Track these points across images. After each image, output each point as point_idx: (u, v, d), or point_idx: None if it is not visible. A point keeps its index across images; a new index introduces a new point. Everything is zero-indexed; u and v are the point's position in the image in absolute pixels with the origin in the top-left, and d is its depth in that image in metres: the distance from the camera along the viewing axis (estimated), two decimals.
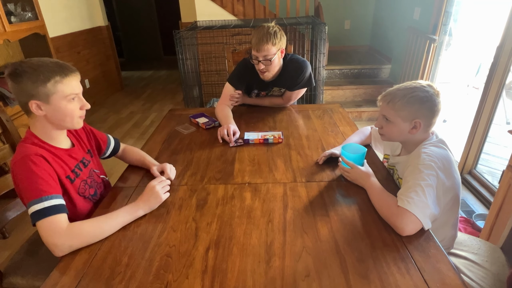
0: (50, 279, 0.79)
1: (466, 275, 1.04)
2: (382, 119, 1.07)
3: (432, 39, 2.79)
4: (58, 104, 0.92)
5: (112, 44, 4.61)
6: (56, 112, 0.93)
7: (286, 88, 1.74)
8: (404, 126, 1.01)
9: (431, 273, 0.76)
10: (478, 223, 1.88)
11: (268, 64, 1.54)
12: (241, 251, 0.85)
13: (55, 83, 0.90)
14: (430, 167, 0.92)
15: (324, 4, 3.72)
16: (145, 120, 3.75)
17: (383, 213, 0.94)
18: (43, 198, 0.86)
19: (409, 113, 0.99)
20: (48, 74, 0.89)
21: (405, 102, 0.99)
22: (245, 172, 1.22)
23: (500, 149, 2.71)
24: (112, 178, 1.19)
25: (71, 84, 0.94)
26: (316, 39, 2.94)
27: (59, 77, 0.91)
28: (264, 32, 1.48)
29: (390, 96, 1.02)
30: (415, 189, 0.89)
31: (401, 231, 0.87)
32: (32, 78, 0.88)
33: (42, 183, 0.88)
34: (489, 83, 2.13)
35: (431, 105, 0.98)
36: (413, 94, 0.98)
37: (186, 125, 1.65)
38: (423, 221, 0.86)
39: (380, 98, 1.07)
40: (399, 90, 1.02)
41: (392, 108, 1.01)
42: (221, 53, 3.42)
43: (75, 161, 1.05)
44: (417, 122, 0.99)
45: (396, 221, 0.88)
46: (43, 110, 0.92)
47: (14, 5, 2.64)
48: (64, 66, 0.94)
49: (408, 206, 0.87)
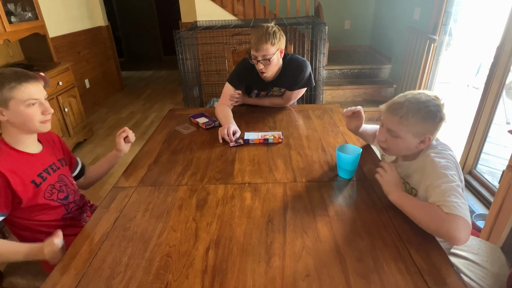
0: (50, 279, 0.79)
1: (466, 275, 1.04)
2: (387, 133, 0.99)
3: (432, 39, 2.79)
4: (17, 109, 0.97)
5: (112, 44, 4.61)
6: (16, 117, 0.98)
7: (286, 88, 1.74)
8: (413, 141, 0.96)
9: (431, 273, 0.76)
10: (478, 223, 1.88)
11: (267, 64, 1.54)
12: (241, 251, 0.85)
13: (10, 89, 0.94)
14: (450, 168, 0.89)
15: (324, 4, 3.72)
16: (145, 120, 3.75)
17: (430, 224, 0.84)
18: None
19: (422, 129, 0.93)
20: (3, 81, 0.94)
21: (420, 118, 0.92)
22: (245, 172, 1.22)
23: (500, 149, 2.71)
24: (112, 178, 1.19)
25: (28, 90, 0.97)
26: (316, 39, 2.94)
27: (14, 83, 0.95)
28: (263, 32, 1.48)
29: (402, 110, 0.94)
30: (452, 192, 0.83)
31: (457, 241, 0.78)
32: None
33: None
34: (489, 83, 2.13)
35: (441, 120, 0.93)
36: (427, 110, 0.92)
37: (186, 125, 1.65)
38: (470, 221, 0.81)
39: (388, 111, 0.98)
40: (411, 104, 0.93)
41: (404, 124, 0.94)
42: (221, 53, 3.42)
43: (43, 166, 1.08)
44: (427, 137, 0.94)
45: (449, 230, 0.79)
46: (5, 116, 0.97)
47: (14, 5, 2.64)
48: (22, 73, 0.98)
49: (456, 211, 0.80)
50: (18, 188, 0.98)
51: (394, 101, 0.98)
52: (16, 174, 0.98)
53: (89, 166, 1.36)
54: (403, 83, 3.34)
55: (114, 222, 0.97)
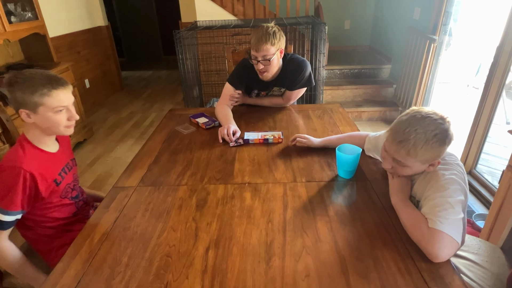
0: (50, 279, 0.79)
1: (466, 275, 1.04)
2: (393, 162, 0.93)
3: (432, 39, 2.79)
4: (45, 114, 0.98)
5: (112, 44, 4.61)
6: (43, 121, 1.00)
7: (286, 88, 1.74)
8: (422, 167, 0.91)
9: (431, 273, 0.76)
10: (478, 223, 1.88)
11: (267, 64, 1.54)
12: (241, 251, 0.85)
13: (41, 95, 0.95)
14: (453, 182, 0.86)
15: (324, 4, 3.71)
16: (145, 120, 3.75)
17: (413, 236, 0.85)
18: (9, 212, 0.94)
19: (431, 157, 0.88)
20: (35, 87, 0.95)
21: (429, 148, 0.85)
22: (245, 172, 1.22)
23: (500, 149, 2.71)
24: (112, 178, 1.19)
25: (59, 98, 0.98)
26: (316, 39, 2.94)
27: (46, 89, 0.96)
28: (263, 32, 1.47)
29: (409, 143, 0.86)
30: (444, 206, 0.82)
31: (434, 257, 0.78)
32: (21, 89, 0.94)
33: (18, 198, 0.95)
34: (489, 83, 2.13)
35: (448, 143, 0.87)
36: (436, 139, 0.85)
37: (186, 125, 1.65)
38: (458, 239, 0.78)
39: (393, 142, 0.90)
40: (418, 135, 0.85)
41: (412, 156, 0.87)
42: (221, 53, 3.42)
43: (61, 164, 1.11)
44: (436, 162, 0.89)
45: (427, 246, 0.79)
46: (32, 118, 0.98)
47: (14, 5, 2.64)
48: (54, 79, 0.98)
49: (440, 226, 0.78)
50: (42, 188, 1.00)
51: (399, 130, 0.88)
52: (42, 174, 1.00)
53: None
54: (403, 83, 3.34)
55: (114, 222, 0.97)
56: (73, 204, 1.16)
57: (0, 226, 0.94)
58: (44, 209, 1.06)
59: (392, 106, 3.49)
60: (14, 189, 0.94)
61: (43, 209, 1.06)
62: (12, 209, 0.95)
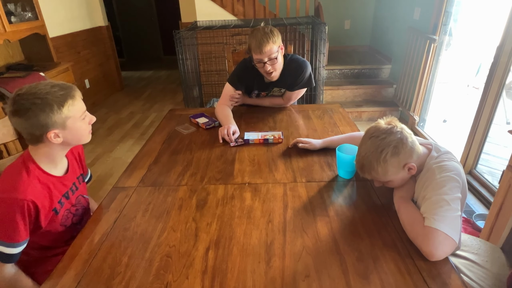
0: (50, 279, 0.79)
1: (466, 275, 1.04)
2: (378, 182, 0.99)
3: (432, 39, 2.79)
4: (74, 126, 0.93)
5: (112, 44, 4.61)
6: (73, 135, 0.94)
7: (286, 88, 1.74)
8: (400, 175, 0.94)
9: (431, 273, 0.76)
10: (478, 223, 1.88)
11: (274, 63, 1.53)
12: (241, 251, 0.85)
13: (69, 107, 0.90)
14: (450, 179, 0.86)
15: (324, 4, 3.71)
16: (145, 120, 3.75)
17: (410, 235, 0.86)
18: (15, 245, 0.87)
19: (395, 167, 0.91)
20: (60, 101, 0.88)
21: (383, 166, 0.90)
22: (245, 172, 1.22)
23: (500, 149, 2.71)
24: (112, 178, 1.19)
25: (80, 104, 0.95)
26: (316, 39, 2.94)
27: (70, 100, 0.91)
28: (261, 33, 1.47)
29: (367, 168, 0.94)
30: (440, 204, 0.82)
31: (430, 256, 0.78)
32: (45, 110, 0.86)
33: (21, 227, 0.87)
34: (489, 83, 2.13)
35: (405, 147, 0.90)
36: (384, 155, 0.89)
37: (186, 125, 1.65)
38: (455, 237, 0.78)
39: (360, 172, 0.98)
40: (368, 158, 0.92)
41: (380, 175, 0.93)
42: (221, 53, 3.42)
43: (65, 188, 1.03)
44: (408, 165, 0.92)
45: (422, 244, 0.80)
46: (61, 137, 0.92)
47: (14, 5, 2.64)
48: (68, 87, 0.92)
49: (435, 224, 0.79)
50: (42, 217, 0.92)
51: (357, 159, 0.97)
52: (43, 203, 0.92)
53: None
54: (403, 83, 3.34)
55: (114, 222, 0.97)
56: (75, 228, 1.07)
57: (8, 259, 0.87)
58: (42, 236, 0.98)
59: (392, 106, 3.49)
60: (16, 219, 0.85)
61: (41, 236, 0.98)
62: (18, 240, 0.87)
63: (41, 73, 2.55)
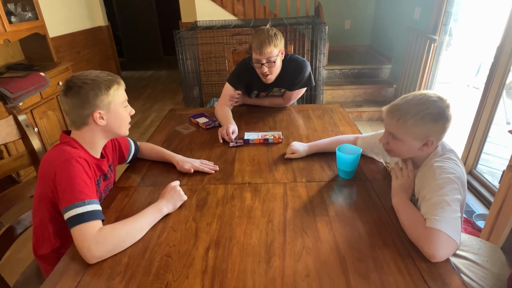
0: (50, 279, 0.78)
1: (466, 275, 1.04)
2: (388, 136, 0.97)
3: (432, 39, 2.79)
4: (117, 111, 0.99)
5: (112, 44, 4.61)
6: (115, 120, 0.99)
7: (286, 88, 1.74)
8: (415, 144, 0.93)
9: (431, 273, 0.76)
10: (478, 223, 1.88)
11: (272, 66, 1.54)
12: (241, 251, 0.85)
13: (114, 91, 0.96)
14: (450, 181, 0.86)
15: (324, 4, 3.72)
16: (145, 120, 3.75)
17: (411, 236, 0.85)
18: (86, 202, 0.85)
19: (422, 131, 0.90)
20: (107, 83, 0.95)
21: (418, 119, 0.89)
22: (245, 172, 1.22)
23: (500, 149, 2.71)
24: None
25: (123, 92, 1.01)
26: (316, 39, 2.94)
27: (116, 85, 0.97)
28: (265, 35, 1.47)
29: (400, 112, 0.91)
30: (441, 205, 0.81)
31: (431, 257, 0.78)
32: (94, 89, 0.93)
33: (85, 187, 0.88)
34: (489, 83, 2.13)
35: (444, 122, 0.90)
36: (426, 111, 0.89)
37: (186, 125, 1.65)
38: (456, 238, 0.77)
39: (387, 113, 0.95)
40: (409, 106, 0.91)
41: (402, 126, 0.91)
42: (221, 53, 3.42)
43: (100, 172, 1.06)
44: (429, 140, 0.91)
45: (424, 245, 0.79)
46: (105, 119, 0.97)
47: (14, 5, 2.64)
48: (115, 75, 0.99)
49: (437, 225, 0.78)
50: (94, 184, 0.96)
51: (394, 103, 0.95)
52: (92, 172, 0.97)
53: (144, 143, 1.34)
54: (403, 83, 3.34)
55: (114, 222, 0.97)
56: None
57: (93, 216, 0.84)
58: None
59: None
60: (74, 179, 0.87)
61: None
62: (91, 196, 0.87)
63: (41, 73, 2.55)
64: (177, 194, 1.01)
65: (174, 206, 1.00)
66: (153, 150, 1.31)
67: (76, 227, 0.82)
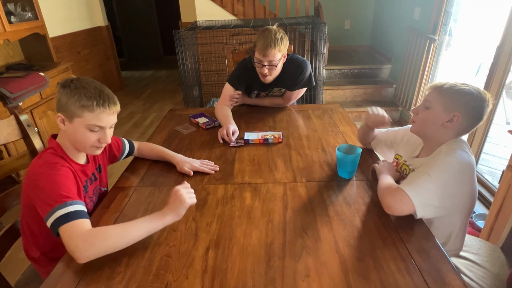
0: (50, 279, 0.78)
1: (466, 275, 1.04)
2: (422, 106, 1.02)
3: (432, 39, 2.79)
4: (78, 127, 0.92)
5: (112, 44, 4.61)
6: (73, 133, 0.94)
7: (286, 88, 1.74)
8: (442, 116, 0.96)
9: (431, 273, 0.76)
10: (478, 223, 1.88)
11: (273, 69, 1.54)
12: (241, 251, 0.85)
13: (82, 107, 0.89)
14: (449, 164, 0.90)
15: (324, 4, 3.71)
16: (145, 120, 3.75)
17: (380, 195, 0.97)
18: (68, 203, 0.83)
19: (453, 103, 0.94)
20: (81, 97, 0.89)
21: (454, 91, 0.95)
22: (245, 172, 1.22)
23: (500, 149, 2.71)
24: (112, 178, 1.18)
25: (99, 116, 0.92)
26: (316, 39, 2.94)
27: (90, 104, 0.90)
28: (271, 37, 1.46)
29: (442, 83, 0.99)
30: (420, 176, 0.90)
31: (387, 208, 0.91)
32: (69, 94, 0.90)
33: (67, 190, 0.86)
34: (489, 83, 2.13)
35: (478, 106, 0.93)
36: (464, 88, 0.95)
37: (186, 125, 1.65)
38: (416, 204, 0.86)
39: (430, 85, 1.02)
40: (454, 83, 0.98)
41: (438, 93, 0.97)
42: (221, 53, 3.42)
43: (86, 177, 1.05)
44: (456, 116, 0.94)
45: (385, 199, 0.92)
46: (65, 126, 0.93)
47: (14, 5, 2.64)
48: (106, 97, 0.92)
49: (404, 187, 0.89)
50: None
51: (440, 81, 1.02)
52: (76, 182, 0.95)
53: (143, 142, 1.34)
54: (403, 83, 3.34)
55: (114, 222, 0.97)
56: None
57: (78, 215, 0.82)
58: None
59: (392, 106, 3.49)
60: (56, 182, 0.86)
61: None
62: (74, 198, 0.85)
63: (41, 73, 2.55)
64: (179, 200, 0.89)
65: (177, 215, 0.88)
66: (153, 150, 1.31)
67: (62, 228, 0.80)
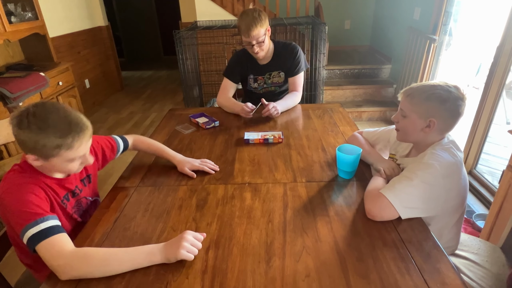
0: (50, 279, 0.78)
1: (466, 275, 1.04)
2: (399, 114, 1.03)
3: (432, 39, 2.79)
4: (57, 163, 0.87)
5: (112, 44, 4.61)
6: (53, 167, 0.90)
7: (285, 72, 1.80)
8: (419, 123, 0.97)
9: (431, 273, 0.76)
10: (478, 223, 1.88)
11: (262, 45, 1.64)
12: (241, 251, 0.85)
13: (57, 148, 0.82)
14: (431, 167, 0.90)
15: (324, 4, 3.71)
16: (145, 120, 3.75)
17: (365, 197, 0.99)
18: (39, 221, 0.80)
19: (425, 110, 0.95)
20: (51, 138, 0.81)
21: (424, 98, 0.95)
22: (245, 172, 1.22)
23: (500, 149, 2.71)
24: (112, 178, 1.18)
25: (79, 149, 0.87)
26: (316, 39, 2.94)
27: (70, 141, 0.83)
28: (251, 17, 1.56)
29: (411, 90, 0.99)
30: (401, 180, 0.92)
31: (368, 212, 0.93)
32: (34, 135, 0.80)
33: (34, 208, 0.82)
34: (489, 83, 2.13)
35: (451, 107, 0.93)
36: (433, 92, 0.94)
37: (186, 125, 1.65)
38: (398, 207, 0.89)
39: (401, 92, 1.03)
40: (421, 86, 0.98)
41: (409, 102, 0.98)
42: (221, 53, 3.42)
43: (65, 191, 0.99)
44: (432, 121, 0.95)
45: (366, 204, 0.95)
46: (40, 162, 0.87)
47: (14, 5, 2.64)
48: (76, 126, 0.84)
49: (384, 191, 0.92)
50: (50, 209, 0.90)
51: (412, 84, 1.02)
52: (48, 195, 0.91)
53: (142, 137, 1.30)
54: (403, 83, 3.34)
55: (114, 222, 0.97)
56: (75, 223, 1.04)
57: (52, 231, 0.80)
58: None
59: (392, 106, 3.49)
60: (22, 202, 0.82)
61: None
62: (44, 214, 0.82)
63: (41, 73, 2.55)
64: (176, 246, 0.80)
65: (167, 259, 0.80)
66: (151, 146, 1.28)
67: (39, 246, 0.78)
